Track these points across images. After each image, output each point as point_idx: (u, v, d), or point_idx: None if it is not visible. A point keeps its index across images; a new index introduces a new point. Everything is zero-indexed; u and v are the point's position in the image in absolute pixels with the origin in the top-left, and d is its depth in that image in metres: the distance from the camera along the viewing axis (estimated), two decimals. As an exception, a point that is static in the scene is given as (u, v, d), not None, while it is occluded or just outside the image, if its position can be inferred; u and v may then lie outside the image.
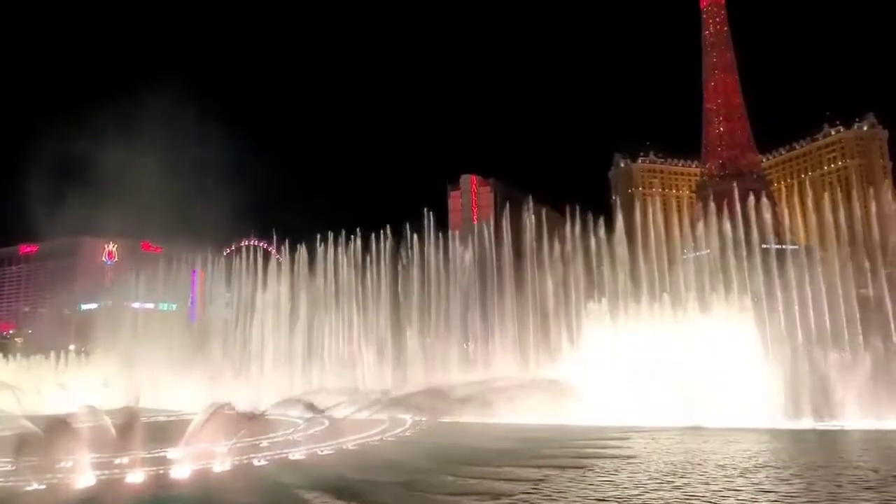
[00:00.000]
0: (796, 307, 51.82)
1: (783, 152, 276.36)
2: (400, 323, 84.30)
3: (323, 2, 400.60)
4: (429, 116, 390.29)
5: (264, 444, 34.55)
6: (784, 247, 74.96)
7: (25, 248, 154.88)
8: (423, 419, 47.63)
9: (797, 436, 37.33)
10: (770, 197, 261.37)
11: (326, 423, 42.64)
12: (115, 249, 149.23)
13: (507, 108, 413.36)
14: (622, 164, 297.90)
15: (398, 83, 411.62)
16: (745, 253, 55.39)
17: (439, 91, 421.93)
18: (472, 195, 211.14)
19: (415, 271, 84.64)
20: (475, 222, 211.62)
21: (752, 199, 63.03)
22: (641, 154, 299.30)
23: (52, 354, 71.23)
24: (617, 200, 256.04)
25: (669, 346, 47.68)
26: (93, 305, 67.04)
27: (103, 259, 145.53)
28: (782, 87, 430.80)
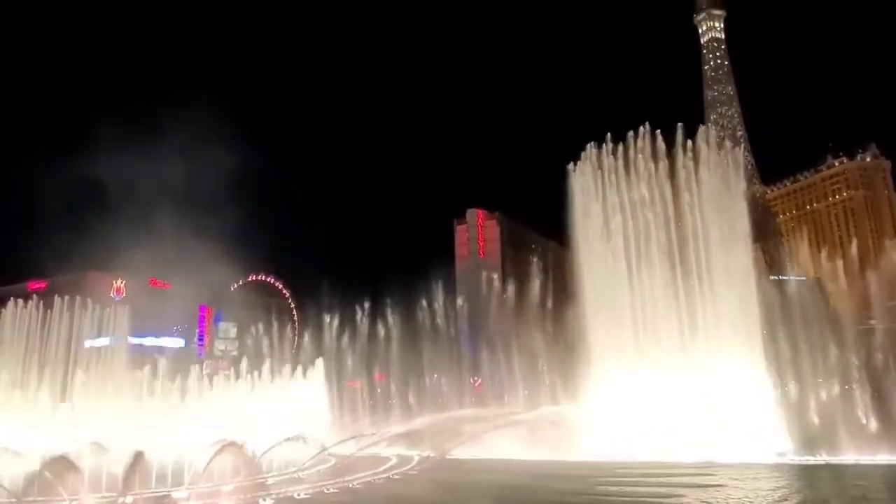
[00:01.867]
0: (804, 340, 51.35)
1: (787, 184, 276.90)
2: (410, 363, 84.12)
3: (330, 38, 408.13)
4: (435, 148, 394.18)
5: (270, 482, 34.26)
6: (791, 278, 74.83)
7: (34, 285, 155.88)
8: (431, 455, 47.18)
9: (818, 472, 36.56)
10: (776, 229, 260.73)
11: (333, 460, 42.35)
12: (122, 285, 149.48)
13: (512, 139, 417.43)
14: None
15: (406, 116, 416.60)
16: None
17: (446, 123, 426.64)
18: (478, 229, 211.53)
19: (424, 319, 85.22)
20: (481, 256, 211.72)
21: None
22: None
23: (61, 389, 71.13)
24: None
25: (678, 380, 47.29)
26: (104, 342, 66.97)
27: (111, 295, 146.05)
28: (784, 118, 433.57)
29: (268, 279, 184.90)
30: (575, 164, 56.57)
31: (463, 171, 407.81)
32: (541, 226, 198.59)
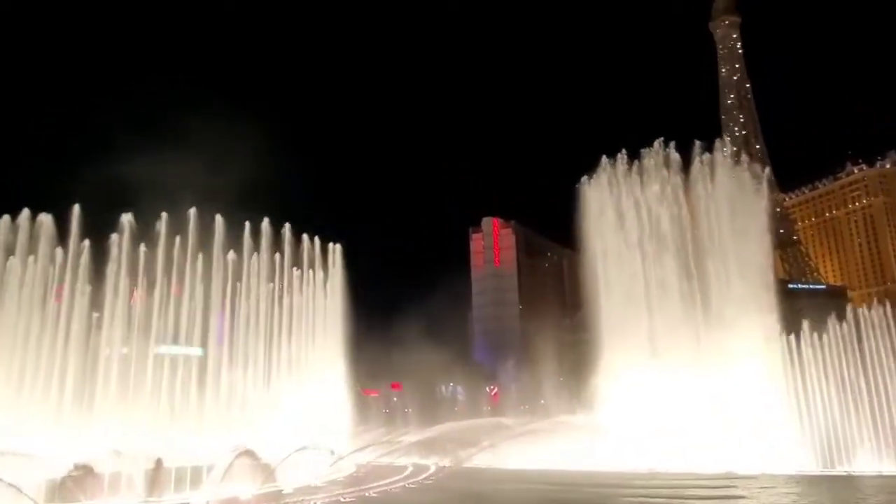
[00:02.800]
0: (826, 350, 50.61)
1: (806, 191, 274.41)
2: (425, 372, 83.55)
3: (346, 45, 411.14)
4: (451, 157, 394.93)
5: (287, 490, 34.34)
6: (810, 286, 74.01)
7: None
8: (447, 464, 47.07)
9: (842, 484, 35.81)
10: (795, 236, 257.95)
11: (350, 469, 42.37)
12: (141, 292, 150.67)
13: (527, 146, 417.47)
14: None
15: (421, 124, 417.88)
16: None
17: (460, 132, 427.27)
18: (493, 237, 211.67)
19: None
20: (497, 264, 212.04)
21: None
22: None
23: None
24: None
25: (700, 391, 46.73)
26: (124, 349, 67.00)
27: (130, 302, 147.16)
28: (802, 125, 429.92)
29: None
30: (590, 177, 57.14)
31: (478, 180, 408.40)
32: (556, 233, 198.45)
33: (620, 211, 54.83)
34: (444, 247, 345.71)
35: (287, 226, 56.85)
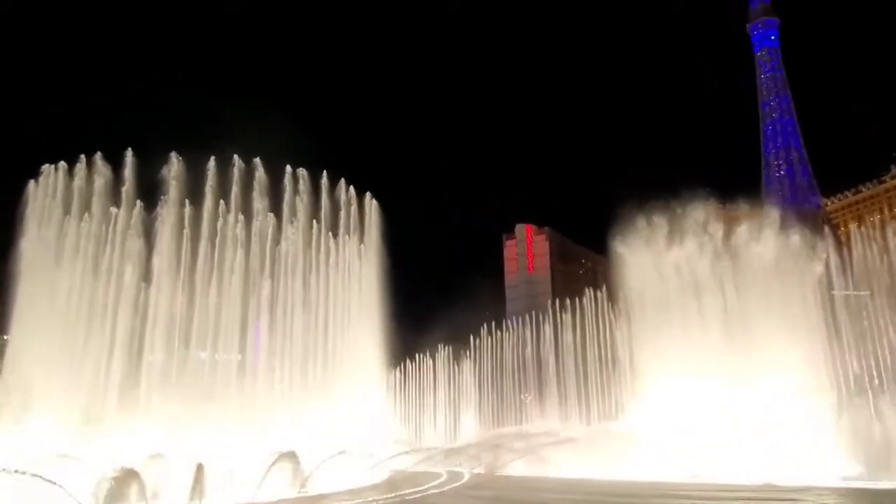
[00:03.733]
0: (871, 358, 49.44)
1: (848, 195, 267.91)
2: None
3: (376, 47, 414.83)
4: (483, 163, 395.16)
5: (326, 494, 34.70)
6: (854, 293, 72.36)
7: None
8: (482, 472, 46.97)
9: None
10: (837, 242, 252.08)
11: (388, 475, 42.58)
12: (182, 299, 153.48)
13: (562, 153, 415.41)
14: (679, 211, 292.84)
15: (451, 130, 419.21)
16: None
17: (493, 140, 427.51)
18: (527, 244, 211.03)
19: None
20: (531, 271, 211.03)
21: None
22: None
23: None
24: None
25: (739, 399, 45.98)
26: (162, 355, 68.06)
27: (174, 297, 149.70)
28: (843, 127, 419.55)
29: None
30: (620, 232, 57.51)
31: (511, 186, 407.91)
32: (589, 239, 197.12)
33: (660, 268, 54.96)
34: (477, 253, 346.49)
35: (325, 172, 57.41)
